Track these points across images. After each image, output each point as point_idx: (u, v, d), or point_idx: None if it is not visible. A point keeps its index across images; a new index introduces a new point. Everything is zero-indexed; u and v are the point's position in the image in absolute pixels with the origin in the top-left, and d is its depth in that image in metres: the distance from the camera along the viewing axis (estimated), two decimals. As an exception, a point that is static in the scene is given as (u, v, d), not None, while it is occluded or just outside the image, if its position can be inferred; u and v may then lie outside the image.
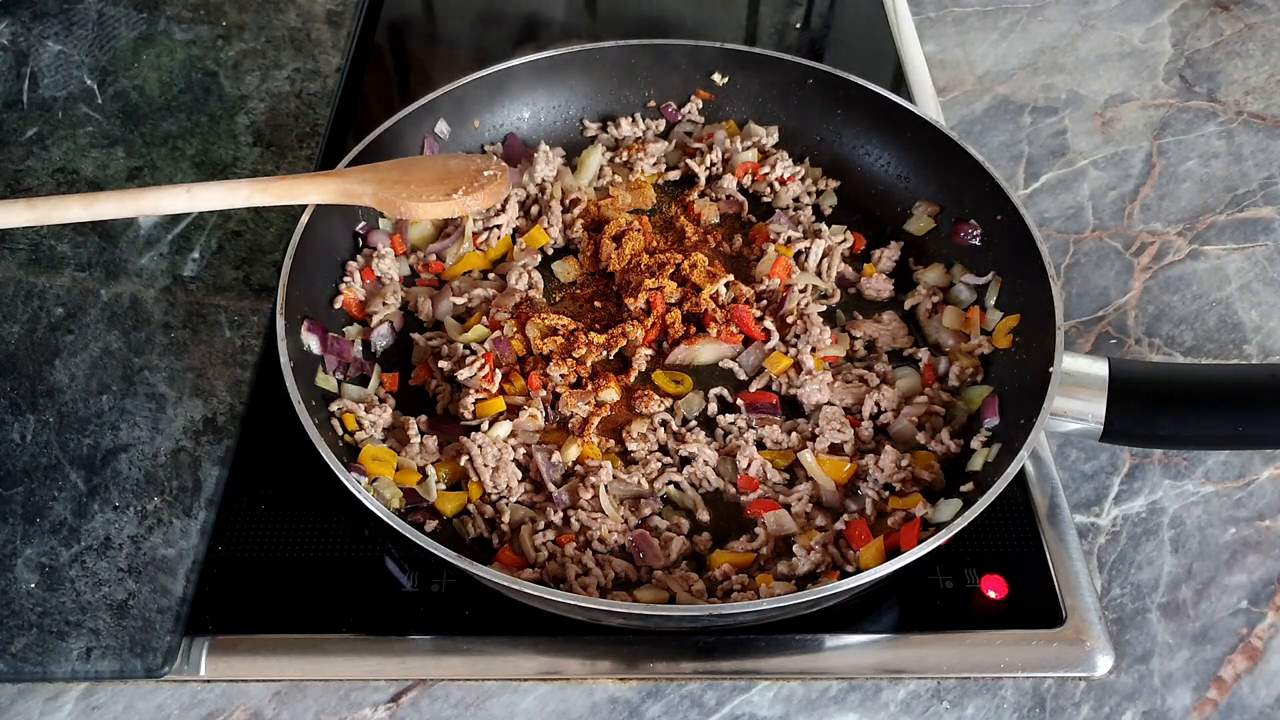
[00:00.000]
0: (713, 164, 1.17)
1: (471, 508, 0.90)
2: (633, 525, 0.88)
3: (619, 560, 0.86)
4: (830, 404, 0.96)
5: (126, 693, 0.84)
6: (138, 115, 1.27)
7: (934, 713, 0.83)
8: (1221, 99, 1.37)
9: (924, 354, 1.00)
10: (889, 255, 1.09)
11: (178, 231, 1.13)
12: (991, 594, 0.87)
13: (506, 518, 0.88)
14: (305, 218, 0.96)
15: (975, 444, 0.91)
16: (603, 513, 0.88)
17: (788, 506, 0.89)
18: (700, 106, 1.21)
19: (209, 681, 0.84)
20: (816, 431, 0.94)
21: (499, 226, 1.10)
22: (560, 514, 0.88)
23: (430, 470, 0.90)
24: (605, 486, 0.89)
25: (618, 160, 1.18)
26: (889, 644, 0.86)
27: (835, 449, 0.93)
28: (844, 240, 1.09)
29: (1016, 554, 0.90)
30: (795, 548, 0.86)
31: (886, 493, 0.89)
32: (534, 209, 1.12)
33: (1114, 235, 1.20)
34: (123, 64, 1.33)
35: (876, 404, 0.95)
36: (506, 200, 1.11)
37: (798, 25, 1.48)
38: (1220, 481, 0.98)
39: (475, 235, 1.10)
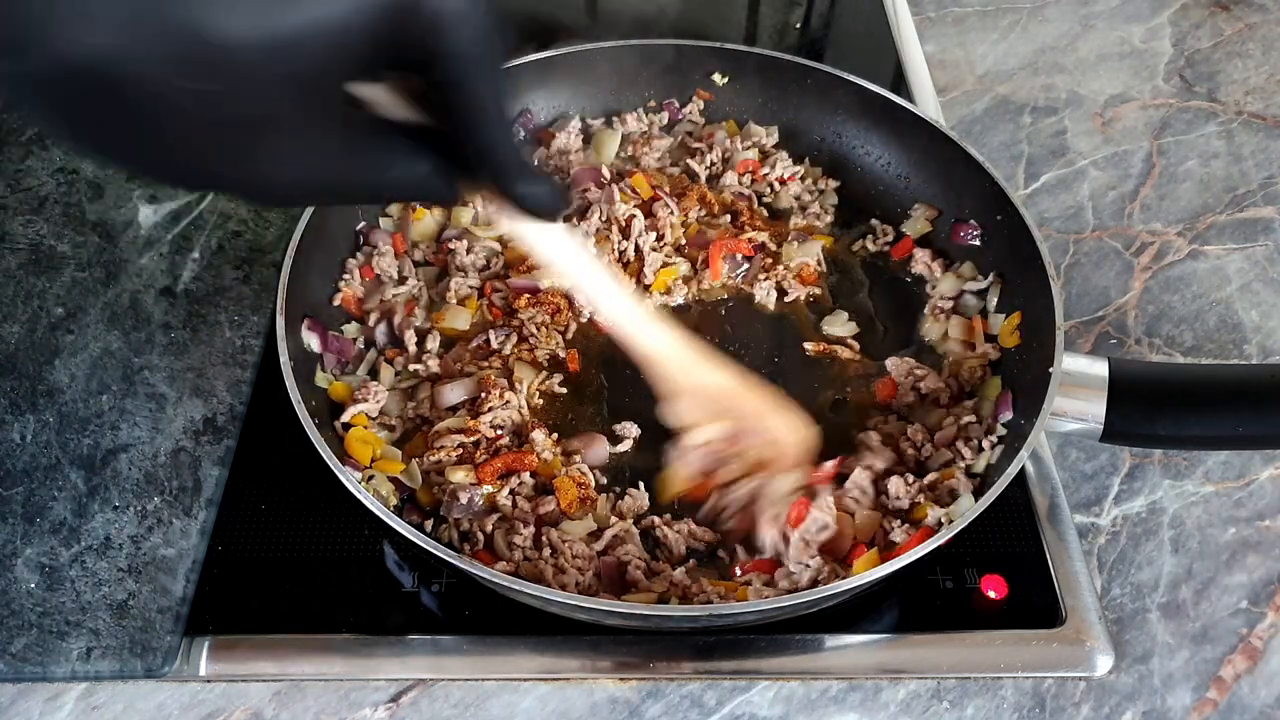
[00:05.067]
0: (713, 164, 1.17)
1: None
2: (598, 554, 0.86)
3: (592, 575, 0.85)
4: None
5: (126, 693, 0.84)
6: (138, 115, 1.26)
7: (934, 713, 0.83)
8: (1221, 99, 1.37)
9: (931, 383, 0.98)
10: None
11: (178, 231, 1.13)
12: (991, 594, 0.86)
13: (487, 528, 0.87)
14: (305, 218, 0.96)
15: (986, 444, 0.90)
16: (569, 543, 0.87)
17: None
18: (700, 107, 1.21)
19: (209, 681, 0.84)
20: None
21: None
22: (531, 528, 0.87)
23: (413, 465, 0.90)
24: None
25: (623, 155, 1.18)
26: (889, 644, 0.86)
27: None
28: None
29: (1016, 554, 0.90)
30: (793, 564, 0.84)
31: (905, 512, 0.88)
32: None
33: (1114, 235, 1.20)
34: (123, 64, 1.33)
35: (914, 445, 0.92)
36: None
37: (798, 25, 1.48)
38: (1220, 481, 0.98)
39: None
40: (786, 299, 1.07)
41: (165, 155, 0.48)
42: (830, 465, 0.90)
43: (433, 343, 1.00)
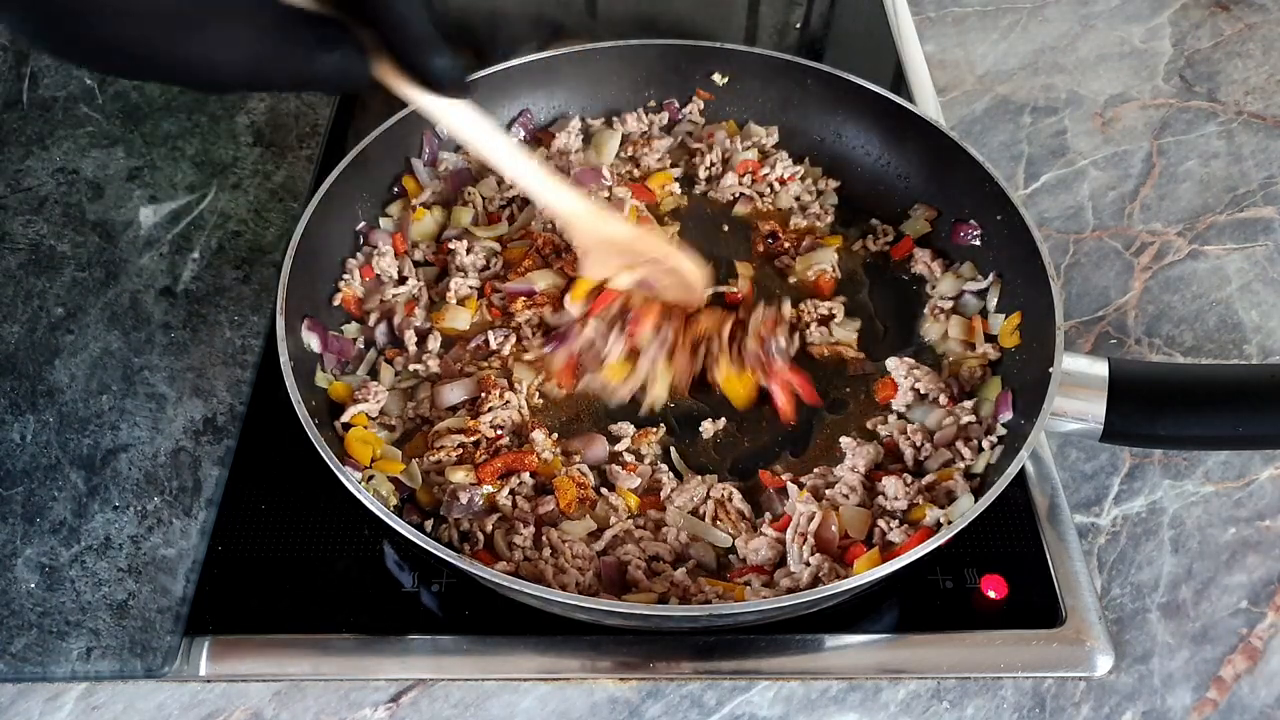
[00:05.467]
0: (713, 164, 1.17)
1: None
2: (597, 554, 0.86)
3: (593, 575, 0.85)
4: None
5: (126, 693, 0.84)
6: (138, 115, 1.27)
7: (934, 713, 0.83)
8: (1221, 99, 1.37)
9: (931, 383, 0.98)
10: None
11: (178, 231, 1.13)
12: (991, 594, 0.87)
13: (487, 528, 0.87)
14: (305, 218, 0.96)
15: (985, 444, 0.90)
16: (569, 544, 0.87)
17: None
18: (700, 107, 1.21)
19: (209, 681, 0.84)
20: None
21: (515, 199, 1.12)
22: (531, 528, 0.87)
23: (413, 465, 0.90)
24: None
25: (623, 155, 1.18)
26: (889, 644, 0.86)
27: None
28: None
29: (1016, 554, 0.90)
30: (791, 563, 0.84)
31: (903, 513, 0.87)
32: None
33: (1114, 235, 1.20)
34: (123, 64, 1.33)
35: (914, 445, 0.92)
36: None
37: (798, 25, 1.48)
38: (1220, 481, 0.98)
39: (491, 214, 1.11)
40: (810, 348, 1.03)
41: (105, 42, 0.55)
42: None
43: (433, 343, 1.00)
